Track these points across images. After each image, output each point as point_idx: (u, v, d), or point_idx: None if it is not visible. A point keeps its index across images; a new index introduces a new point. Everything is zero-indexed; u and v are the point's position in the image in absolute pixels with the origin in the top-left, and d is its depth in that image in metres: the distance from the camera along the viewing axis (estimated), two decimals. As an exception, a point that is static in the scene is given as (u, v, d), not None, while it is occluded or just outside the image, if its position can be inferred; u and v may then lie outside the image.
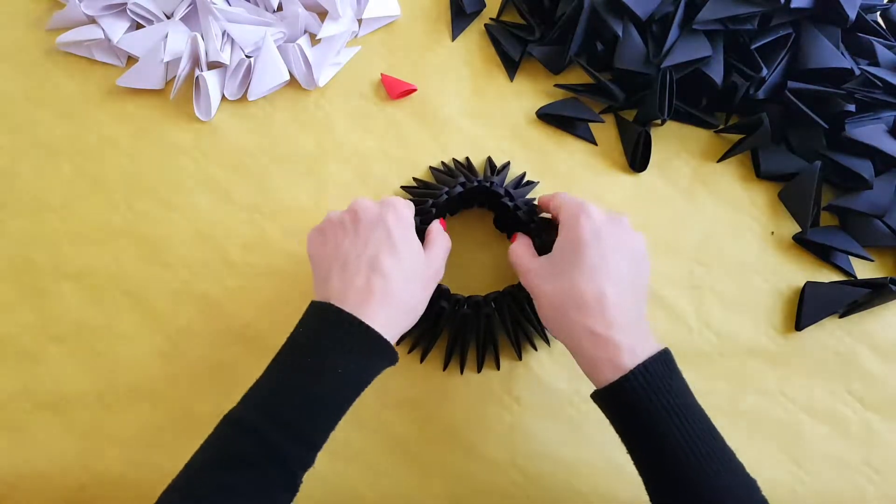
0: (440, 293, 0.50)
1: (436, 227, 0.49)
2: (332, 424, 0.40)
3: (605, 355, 0.41)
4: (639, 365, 0.40)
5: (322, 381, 0.39)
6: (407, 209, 0.46)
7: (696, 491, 0.38)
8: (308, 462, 0.39)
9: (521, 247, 0.49)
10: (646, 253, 0.46)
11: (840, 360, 0.55)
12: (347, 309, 0.40)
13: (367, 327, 0.40)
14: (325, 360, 0.39)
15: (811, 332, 0.55)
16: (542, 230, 0.51)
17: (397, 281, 0.42)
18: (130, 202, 0.57)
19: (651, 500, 0.41)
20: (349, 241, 0.43)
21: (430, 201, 0.51)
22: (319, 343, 0.40)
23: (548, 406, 0.52)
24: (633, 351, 0.40)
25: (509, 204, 0.52)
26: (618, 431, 0.42)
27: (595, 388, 0.42)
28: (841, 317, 0.56)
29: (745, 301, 0.56)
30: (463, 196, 0.53)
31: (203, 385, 0.52)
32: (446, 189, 0.52)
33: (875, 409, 0.54)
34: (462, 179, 0.53)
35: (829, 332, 0.55)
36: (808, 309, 0.55)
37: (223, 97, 0.60)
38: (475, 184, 0.53)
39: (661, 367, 0.40)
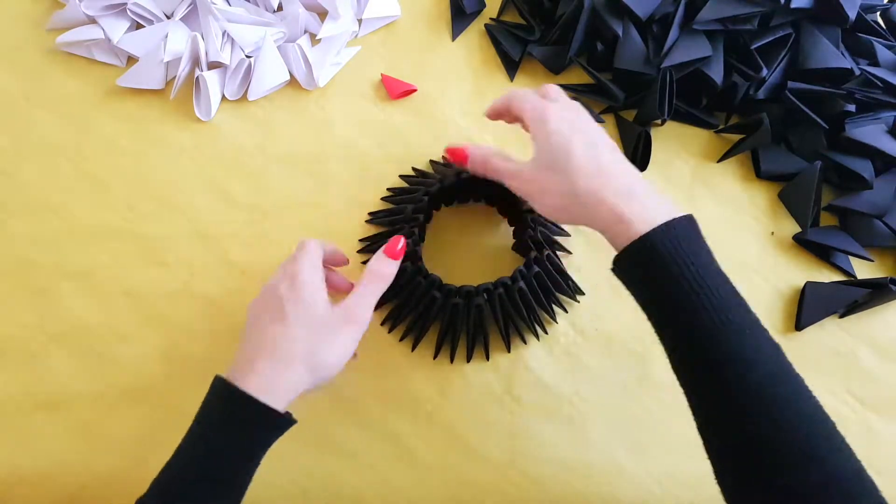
0: (432, 283, 0.49)
1: (376, 262, 0.46)
2: (238, 495, 0.41)
3: (627, 223, 0.40)
4: (661, 224, 0.39)
5: (217, 461, 0.40)
6: (304, 272, 0.44)
7: (716, 345, 0.38)
8: None
9: (493, 161, 0.46)
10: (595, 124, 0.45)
11: (840, 360, 0.55)
12: (239, 380, 0.41)
13: (248, 398, 0.40)
14: (216, 439, 0.41)
15: (811, 332, 0.55)
16: (539, 223, 0.52)
17: (284, 341, 0.42)
18: (130, 202, 0.57)
19: (673, 364, 0.40)
20: (253, 316, 0.45)
21: (424, 189, 0.52)
22: (210, 420, 0.42)
23: (548, 406, 0.52)
24: (655, 215, 0.40)
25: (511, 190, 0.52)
26: (634, 292, 0.42)
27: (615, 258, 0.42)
28: (841, 317, 0.56)
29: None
30: (459, 186, 0.53)
31: (203, 385, 0.51)
32: (440, 178, 0.52)
33: (875, 409, 0.54)
34: (459, 170, 0.53)
35: (829, 332, 0.55)
36: (808, 309, 0.55)
37: (223, 97, 0.60)
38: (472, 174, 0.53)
39: (683, 228, 0.40)
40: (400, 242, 0.47)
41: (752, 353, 0.38)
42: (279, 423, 0.42)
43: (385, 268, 0.46)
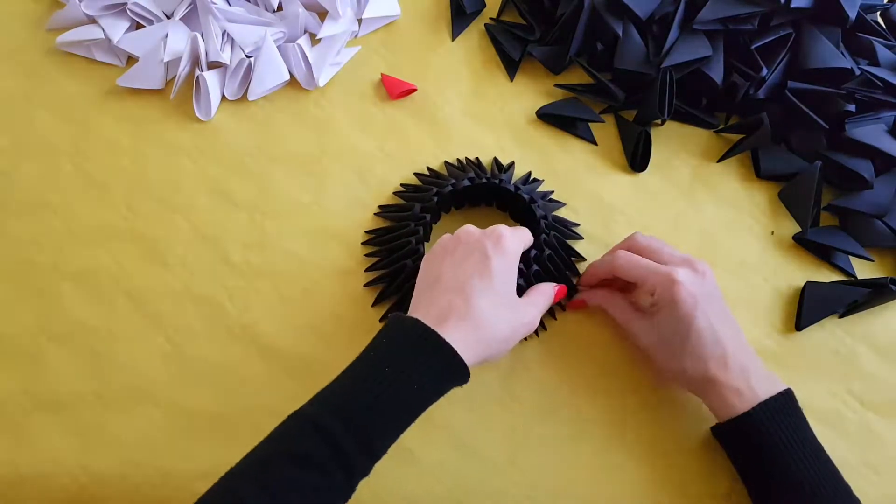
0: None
1: (545, 286, 0.49)
2: (397, 437, 0.41)
3: (731, 398, 0.45)
4: (759, 403, 0.44)
5: (397, 393, 0.39)
6: (512, 240, 0.45)
7: None
8: (367, 470, 0.39)
9: (617, 310, 0.50)
10: (720, 292, 0.48)
11: (840, 360, 0.55)
12: (433, 327, 0.40)
13: (445, 343, 0.40)
14: (401, 372, 0.39)
15: (811, 332, 0.55)
16: (553, 228, 0.52)
17: (481, 307, 0.42)
18: (130, 202, 0.57)
19: None
20: (446, 263, 0.45)
21: (435, 190, 0.52)
22: (397, 355, 0.40)
23: (548, 406, 0.52)
24: (755, 392, 0.45)
25: (525, 197, 0.52)
26: (734, 462, 0.47)
27: (716, 423, 0.47)
28: (841, 317, 0.56)
29: (745, 301, 0.56)
30: (470, 191, 0.53)
31: (203, 385, 0.52)
32: (453, 181, 0.53)
33: (875, 409, 0.54)
34: (471, 174, 0.53)
35: (829, 332, 0.55)
36: (808, 309, 0.55)
37: (223, 97, 0.60)
38: (484, 180, 0.53)
39: (781, 405, 0.45)
40: (560, 292, 0.50)
41: None
42: (465, 376, 0.42)
43: (550, 294, 0.49)
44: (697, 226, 0.58)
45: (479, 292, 0.42)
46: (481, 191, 0.54)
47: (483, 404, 0.52)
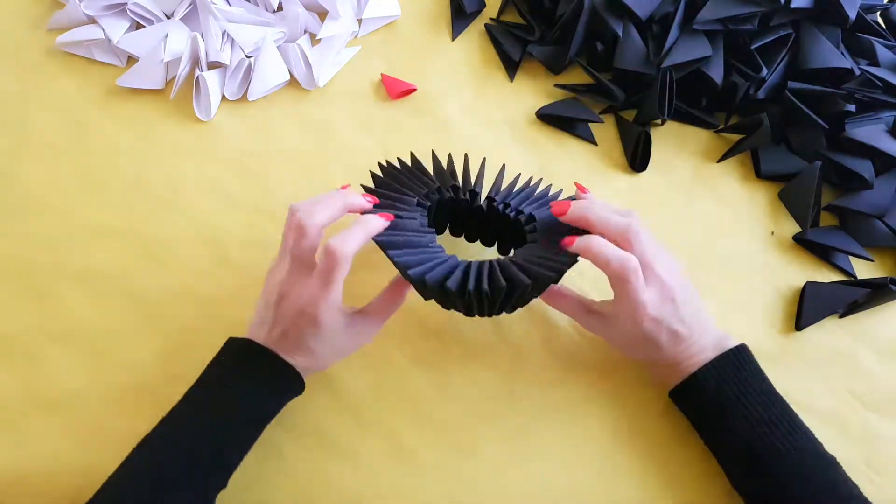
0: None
1: (393, 290, 0.47)
2: (247, 449, 0.45)
3: (677, 369, 0.47)
4: (704, 364, 0.45)
5: (241, 409, 0.43)
6: (325, 311, 0.43)
7: (768, 471, 0.43)
8: (220, 486, 0.43)
9: (564, 304, 0.49)
10: (677, 262, 0.47)
11: (840, 360, 0.55)
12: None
13: (280, 359, 0.44)
14: (231, 391, 0.43)
15: (811, 332, 0.55)
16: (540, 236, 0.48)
17: (313, 350, 0.45)
18: (130, 202, 0.57)
19: (734, 487, 0.46)
20: (275, 320, 0.45)
21: (426, 191, 0.48)
22: (227, 375, 0.44)
23: (547, 406, 0.52)
24: (702, 355, 0.46)
25: (498, 208, 0.49)
26: (692, 423, 0.48)
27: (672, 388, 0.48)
28: (841, 317, 0.56)
29: (745, 301, 0.56)
30: (456, 216, 0.52)
31: (203, 385, 0.52)
32: (437, 185, 0.49)
33: (875, 409, 0.54)
34: (455, 186, 0.49)
35: (829, 332, 0.55)
36: (808, 309, 0.55)
37: (223, 97, 0.60)
38: (437, 198, 0.49)
39: (728, 362, 0.45)
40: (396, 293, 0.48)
41: (805, 471, 0.43)
42: (296, 383, 0.45)
43: (394, 300, 0.48)
44: (697, 226, 0.58)
45: (308, 339, 0.44)
46: (467, 219, 0.52)
47: (483, 404, 0.52)
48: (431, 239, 0.46)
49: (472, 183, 0.52)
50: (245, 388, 0.43)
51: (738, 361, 0.46)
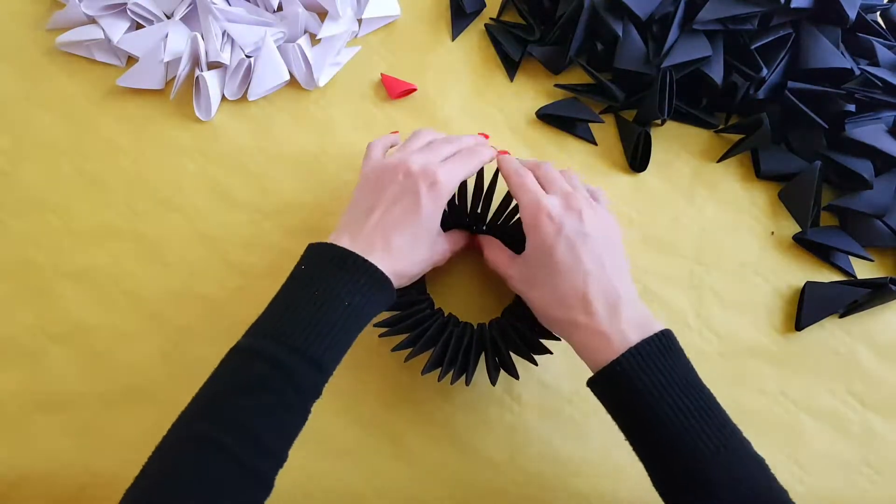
0: (448, 321, 0.50)
1: (457, 234, 0.52)
2: (340, 353, 0.41)
3: (597, 344, 0.42)
4: (630, 348, 0.40)
5: (329, 310, 0.40)
6: (449, 181, 0.45)
7: (694, 471, 0.38)
8: (318, 389, 0.40)
9: (493, 252, 0.51)
10: (616, 226, 0.47)
11: (840, 360, 0.55)
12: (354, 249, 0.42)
13: (365, 260, 0.42)
14: (330, 291, 0.40)
15: (811, 332, 0.55)
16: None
17: (402, 248, 0.44)
18: (130, 202, 0.57)
19: (655, 488, 0.40)
20: (379, 200, 0.45)
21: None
22: (323, 277, 0.41)
23: (548, 406, 0.52)
24: (623, 338, 0.41)
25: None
26: (613, 418, 0.43)
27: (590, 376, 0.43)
28: (841, 317, 0.56)
29: (745, 301, 0.56)
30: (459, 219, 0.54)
31: (203, 385, 0.52)
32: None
33: (875, 409, 0.54)
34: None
35: (829, 332, 0.55)
36: (808, 309, 0.55)
37: (223, 97, 0.60)
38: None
39: (655, 347, 0.41)
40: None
41: (735, 474, 0.38)
42: (393, 294, 0.44)
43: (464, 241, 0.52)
44: (697, 226, 0.58)
45: (403, 234, 0.44)
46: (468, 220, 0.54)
47: (483, 404, 0.52)
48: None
49: (481, 200, 0.53)
50: (339, 291, 0.41)
51: (664, 348, 0.41)
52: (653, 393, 0.39)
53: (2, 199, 0.57)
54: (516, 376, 0.49)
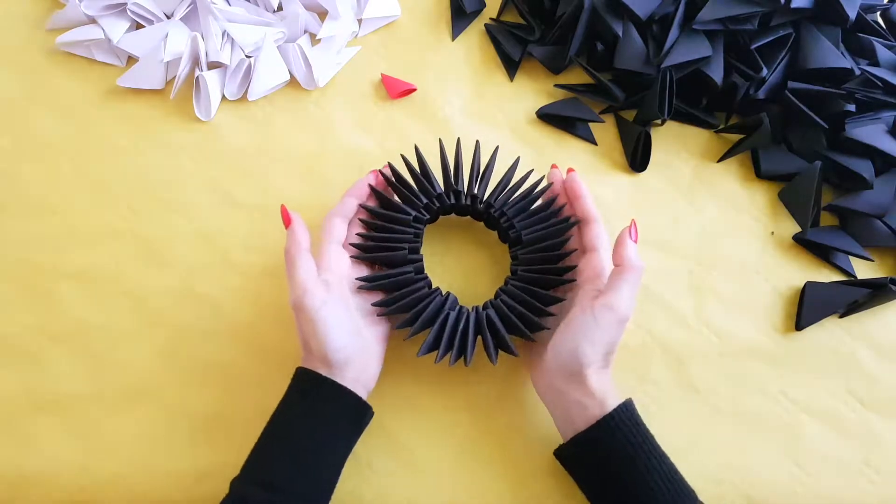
0: (446, 300, 0.49)
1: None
2: (330, 484, 0.44)
3: (579, 412, 0.44)
4: (619, 405, 0.43)
5: (318, 454, 0.43)
6: (301, 301, 0.44)
7: None
8: None
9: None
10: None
11: (840, 360, 0.55)
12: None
13: (342, 388, 0.44)
14: (317, 432, 0.44)
15: (811, 332, 0.55)
16: (533, 249, 0.50)
17: (336, 356, 0.44)
18: (130, 202, 0.57)
19: None
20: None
21: (425, 203, 0.51)
22: (309, 413, 0.44)
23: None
24: (604, 403, 0.44)
25: (496, 216, 0.52)
26: (586, 485, 0.45)
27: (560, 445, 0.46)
28: (841, 317, 0.56)
29: (745, 301, 0.56)
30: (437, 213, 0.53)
31: (203, 385, 0.52)
32: (413, 216, 0.50)
33: (875, 409, 0.54)
34: (426, 201, 0.51)
35: (829, 332, 0.55)
36: (808, 309, 0.55)
37: (223, 97, 0.60)
38: (451, 201, 0.52)
39: (628, 412, 0.44)
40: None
41: None
42: (367, 411, 0.46)
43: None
44: (697, 226, 0.58)
45: (319, 348, 0.44)
46: (446, 211, 0.53)
47: (483, 406, 0.52)
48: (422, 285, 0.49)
49: (477, 181, 0.52)
50: (326, 432, 0.44)
51: (633, 416, 0.44)
52: (638, 453, 0.42)
53: (2, 199, 0.57)
54: (515, 353, 0.49)
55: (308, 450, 0.43)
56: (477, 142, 0.54)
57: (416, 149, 0.52)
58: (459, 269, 0.55)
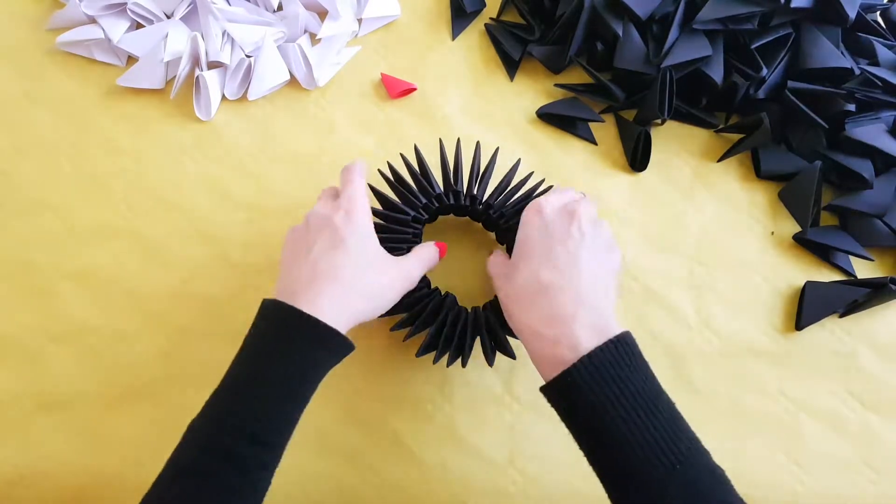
0: (445, 300, 0.50)
1: (426, 245, 0.49)
2: (290, 422, 0.40)
3: (549, 351, 0.40)
4: (582, 357, 0.38)
5: (271, 382, 0.39)
6: (361, 209, 0.45)
7: (648, 489, 0.36)
8: (270, 462, 0.39)
9: (495, 257, 0.49)
10: (611, 242, 0.45)
11: (840, 360, 0.55)
12: (295, 303, 0.40)
13: (310, 318, 0.40)
14: (272, 360, 0.40)
15: (811, 331, 0.55)
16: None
17: (345, 268, 0.42)
18: (130, 202, 0.57)
19: (610, 500, 0.38)
20: (301, 242, 0.45)
21: (423, 203, 0.51)
22: (267, 343, 0.41)
23: (548, 406, 0.52)
24: (577, 343, 0.39)
25: (494, 216, 0.52)
26: (567, 428, 0.41)
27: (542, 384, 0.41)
28: (841, 317, 0.56)
29: (745, 301, 0.56)
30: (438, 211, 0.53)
31: (203, 385, 0.52)
32: (412, 216, 0.51)
33: (875, 409, 0.54)
34: (425, 201, 0.51)
35: (829, 331, 0.55)
36: (808, 309, 0.55)
37: (223, 97, 0.60)
38: (451, 202, 0.52)
39: (610, 355, 0.38)
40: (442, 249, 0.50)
41: (690, 489, 0.36)
42: (344, 346, 0.42)
43: (431, 248, 0.49)
44: (697, 226, 0.58)
45: (337, 261, 0.42)
46: (445, 211, 0.53)
47: (483, 404, 0.52)
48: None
49: (477, 182, 0.52)
50: (290, 364, 0.40)
51: (620, 355, 0.39)
52: (605, 406, 0.37)
53: (2, 199, 0.57)
54: (513, 356, 0.49)
55: (290, 397, 0.40)
56: (477, 143, 0.54)
57: (416, 149, 0.52)
58: (457, 269, 0.55)
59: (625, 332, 0.40)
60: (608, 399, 0.37)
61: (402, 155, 0.52)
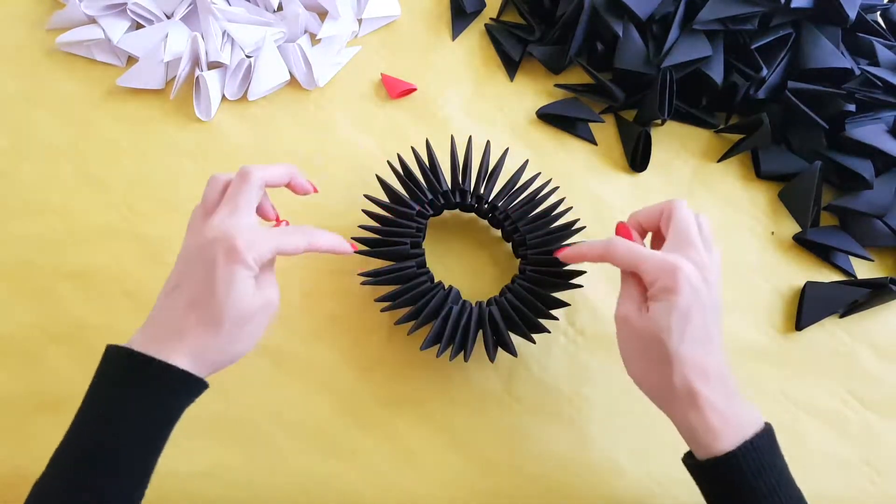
0: (448, 294, 0.50)
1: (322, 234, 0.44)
2: (144, 469, 0.38)
3: (714, 426, 0.39)
4: (746, 442, 0.38)
5: (128, 439, 0.37)
6: (244, 235, 0.39)
7: None
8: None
9: (626, 303, 0.43)
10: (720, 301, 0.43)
11: (840, 360, 0.55)
12: (148, 350, 0.38)
13: (165, 366, 0.37)
14: (113, 409, 0.38)
15: (811, 332, 0.55)
16: (535, 252, 0.51)
17: (218, 325, 0.39)
18: (130, 202, 0.57)
19: None
20: (176, 275, 0.41)
21: (424, 203, 0.51)
22: (109, 392, 0.38)
23: (548, 406, 0.52)
24: (739, 427, 0.39)
25: (500, 218, 0.52)
26: (709, 502, 0.41)
27: (689, 453, 0.41)
28: (841, 317, 0.56)
29: (745, 301, 0.56)
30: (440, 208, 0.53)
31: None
32: (416, 210, 0.51)
33: (875, 409, 0.54)
34: (431, 197, 0.52)
35: (829, 332, 0.55)
36: (808, 309, 0.55)
37: (223, 97, 0.60)
38: (457, 199, 0.52)
39: (766, 443, 0.40)
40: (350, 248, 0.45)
41: None
42: (195, 385, 0.39)
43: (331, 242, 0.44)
44: (697, 226, 0.58)
45: (209, 316, 0.38)
46: (449, 207, 0.54)
47: (483, 405, 0.52)
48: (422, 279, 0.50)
49: (484, 181, 0.53)
50: (138, 413, 0.38)
51: (771, 443, 0.40)
52: (765, 493, 0.38)
53: (2, 200, 0.57)
54: (514, 353, 0.49)
55: (146, 453, 0.38)
56: (487, 142, 0.54)
57: (428, 143, 0.53)
58: (461, 265, 0.56)
59: (768, 423, 0.41)
60: (767, 487, 0.38)
61: (412, 148, 0.53)
